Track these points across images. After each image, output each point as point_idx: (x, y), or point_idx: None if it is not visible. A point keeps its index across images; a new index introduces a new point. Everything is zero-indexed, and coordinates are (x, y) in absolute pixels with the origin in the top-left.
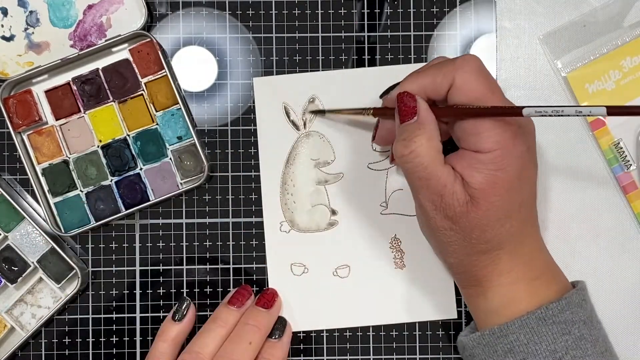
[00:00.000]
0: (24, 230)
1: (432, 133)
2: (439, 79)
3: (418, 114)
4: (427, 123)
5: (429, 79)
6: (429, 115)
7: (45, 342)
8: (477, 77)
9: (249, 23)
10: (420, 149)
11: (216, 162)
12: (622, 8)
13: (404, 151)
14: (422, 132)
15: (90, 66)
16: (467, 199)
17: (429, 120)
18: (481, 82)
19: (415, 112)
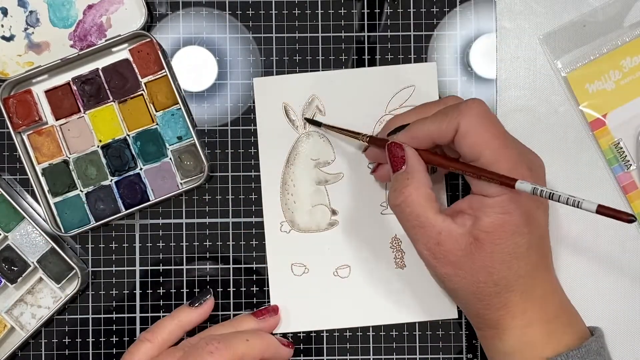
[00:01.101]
0: (24, 230)
1: (421, 182)
2: (444, 126)
3: (406, 164)
4: (416, 172)
5: (435, 125)
6: (417, 164)
7: (45, 342)
8: (480, 123)
9: (249, 23)
10: (409, 198)
11: (216, 162)
12: (622, 8)
13: (396, 201)
14: (410, 181)
15: (90, 66)
16: (470, 241)
17: (417, 169)
18: (485, 130)
19: (404, 162)
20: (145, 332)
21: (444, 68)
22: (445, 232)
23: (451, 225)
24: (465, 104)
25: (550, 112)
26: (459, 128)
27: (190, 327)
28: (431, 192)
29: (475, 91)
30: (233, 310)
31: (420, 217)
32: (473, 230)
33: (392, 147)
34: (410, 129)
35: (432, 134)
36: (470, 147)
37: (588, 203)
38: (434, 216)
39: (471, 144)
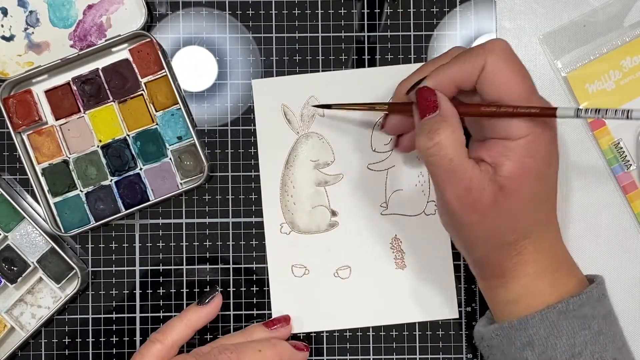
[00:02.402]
0: (24, 230)
1: (456, 125)
2: (468, 66)
3: (440, 107)
4: (450, 116)
5: (458, 67)
6: (451, 108)
7: (45, 342)
8: (507, 63)
9: (249, 23)
10: (445, 141)
11: (216, 162)
12: (622, 8)
13: (428, 143)
14: (445, 124)
15: (90, 66)
16: (497, 190)
17: (451, 113)
18: (511, 69)
19: (437, 106)
20: (155, 333)
21: None
22: (475, 178)
23: (480, 172)
24: (491, 42)
25: None
26: (485, 67)
27: (199, 326)
28: (464, 137)
29: None
30: (233, 311)
31: (454, 161)
32: (496, 177)
33: (424, 91)
34: (432, 77)
35: (455, 78)
36: (496, 87)
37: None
38: (467, 161)
39: (499, 82)
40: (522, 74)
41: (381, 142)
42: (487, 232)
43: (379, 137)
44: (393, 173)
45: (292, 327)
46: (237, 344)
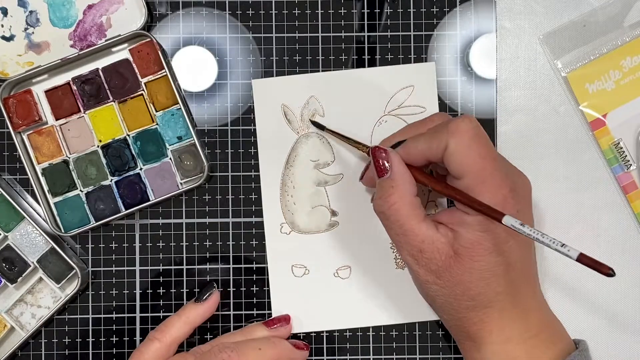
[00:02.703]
0: (24, 230)
1: (406, 188)
2: (434, 144)
3: (391, 170)
4: (400, 179)
5: (426, 143)
6: (402, 170)
7: (45, 342)
8: (468, 144)
9: (249, 23)
10: (394, 206)
11: (216, 162)
12: (622, 8)
13: (380, 208)
14: (395, 189)
15: (90, 66)
16: (451, 254)
17: (401, 176)
18: (472, 150)
19: (387, 169)
20: (153, 331)
21: (444, 68)
22: (428, 240)
23: (435, 234)
24: (455, 123)
25: (550, 112)
26: (447, 147)
27: (198, 323)
28: (415, 199)
29: (475, 91)
30: (233, 310)
31: (404, 225)
32: (454, 243)
33: (376, 151)
34: (405, 146)
35: (424, 152)
36: (456, 166)
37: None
38: (417, 224)
39: (458, 163)
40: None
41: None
42: (445, 294)
43: (379, 137)
44: None
45: (292, 326)
46: (237, 342)
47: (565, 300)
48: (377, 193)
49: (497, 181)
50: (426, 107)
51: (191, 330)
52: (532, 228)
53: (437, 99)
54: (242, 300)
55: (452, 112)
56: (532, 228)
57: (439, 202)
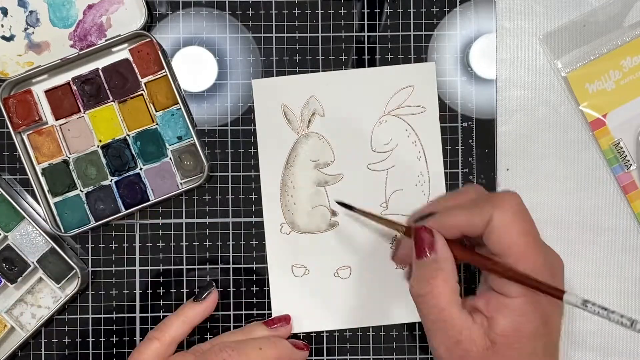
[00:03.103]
0: (24, 230)
1: (450, 273)
2: (476, 218)
3: (436, 252)
4: (445, 262)
5: (465, 216)
6: (447, 253)
7: (45, 342)
8: (513, 220)
9: (249, 23)
10: (436, 290)
11: (216, 162)
12: (622, 8)
13: (420, 291)
14: (439, 272)
15: (90, 66)
16: (488, 345)
17: (446, 259)
18: (518, 229)
19: (433, 249)
20: (152, 330)
21: (444, 68)
22: (466, 331)
23: (472, 324)
24: (500, 196)
25: (550, 112)
26: (491, 221)
27: (196, 322)
28: (457, 285)
29: (475, 91)
30: (233, 311)
31: (445, 311)
32: (490, 332)
33: (422, 231)
34: (439, 218)
35: (461, 225)
36: (498, 243)
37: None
38: (458, 313)
39: (500, 239)
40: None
41: (381, 142)
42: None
43: (379, 137)
44: (393, 173)
45: (292, 326)
46: (237, 341)
47: None
48: (417, 276)
49: (540, 262)
50: (426, 107)
51: (190, 329)
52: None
53: (437, 99)
54: (242, 300)
55: (452, 112)
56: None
57: None
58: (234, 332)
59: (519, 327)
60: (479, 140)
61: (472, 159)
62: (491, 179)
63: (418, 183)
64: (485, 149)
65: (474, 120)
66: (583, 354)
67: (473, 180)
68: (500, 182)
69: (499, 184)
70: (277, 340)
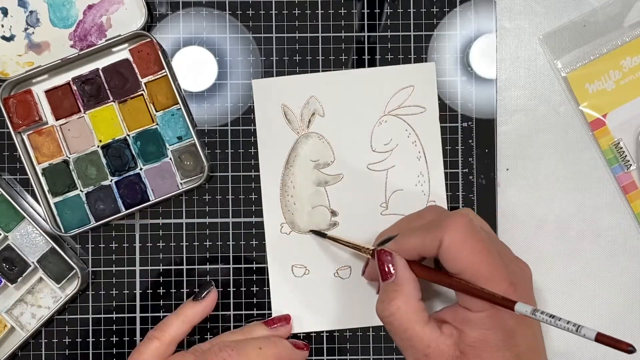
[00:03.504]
0: (24, 230)
1: (410, 293)
2: (427, 241)
3: (395, 274)
4: (405, 283)
5: (419, 239)
6: (406, 274)
7: (45, 342)
8: (462, 240)
9: (249, 23)
10: (398, 312)
11: (216, 162)
12: (622, 8)
13: (384, 312)
14: (399, 293)
15: (90, 66)
16: (457, 355)
17: (406, 279)
18: (466, 246)
19: (392, 272)
20: (152, 330)
21: (444, 68)
22: (433, 345)
23: (439, 337)
24: (448, 220)
25: (550, 112)
26: (442, 243)
27: (196, 321)
28: (420, 303)
29: (475, 91)
30: (233, 310)
31: (408, 331)
32: (460, 343)
33: (381, 254)
34: (397, 241)
35: (416, 247)
36: (452, 263)
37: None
38: (421, 329)
39: (453, 259)
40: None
41: (381, 142)
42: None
43: (379, 137)
44: (393, 173)
45: (292, 326)
46: (237, 340)
47: None
48: (380, 297)
49: (495, 275)
50: (426, 107)
51: (190, 328)
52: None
53: (437, 99)
54: (242, 300)
55: (452, 112)
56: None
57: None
58: (233, 331)
59: (485, 338)
60: (479, 140)
61: (472, 159)
62: (491, 179)
63: (418, 183)
64: (485, 149)
65: (474, 120)
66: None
67: (473, 180)
68: (500, 182)
69: (499, 184)
70: (277, 340)
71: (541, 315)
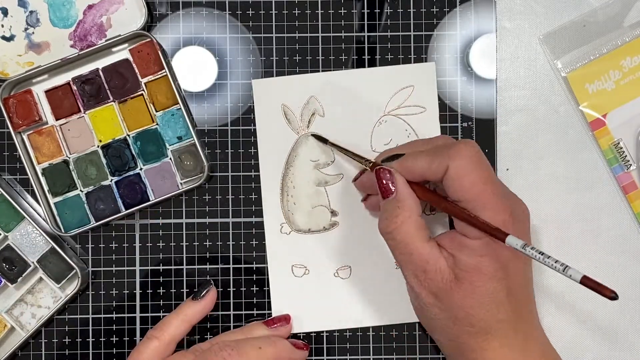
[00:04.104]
0: (24, 230)
1: (412, 209)
2: (434, 166)
3: (396, 191)
4: (406, 200)
5: (426, 163)
6: (407, 191)
7: (45, 342)
8: (468, 168)
9: (249, 23)
10: (401, 226)
11: (216, 162)
12: (622, 8)
13: (386, 229)
14: (401, 210)
15: (90, 66)
16: (452, 277)
17: (407, 196)
18: (472, 175)
19: (392, 189)
20: (152, 329)
21: (444, 68)
22: (432, 261)
23: (438, 255)
24: (456, 147)
25: (550, 112)
26: (447, 170)
27: (195, 320)
28: (421, 220)
29: (475, 91)
30: (233, 311)
31: (409, 245)
32: (454, 267)
33: (381, 172)
34: (404, 160)
35: (422, 170)
36: (456, 190)
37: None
38: (422, 245)
39: (457, 187)
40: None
41: (381, 142)
42: (444, 317)
43: (379, 137)
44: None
45: (292, 326)
46: (237, 340)
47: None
48: (383, 214)
49: (497, 205)
50: (426, 107)
51: (189, 328)
52: (535, 248)
53: (437, 99)
54: (242, 300)
55: (452, 112)
56: (535, 248)
57: None
58: (233, 331)
59: (479, 266)
60: (479, 140)
61: None
62: None
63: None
64: (485, 149)
65: (474, 120)
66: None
67: None
68: None
69: None
70: (277, 339)
71: (531, 250)
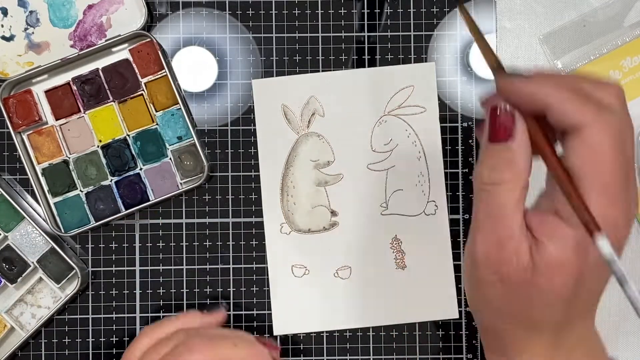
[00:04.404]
0: (24, 230)
1: (523, 168)
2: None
3: (514, 139)
4: (521, 155)
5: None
6: (526, 144)
7: (45, 342)
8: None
9: (249, 23)
10: (504, 185)
11: (216, 162)
12: (622, 8)
13: (486, 179)
14: (512, 166)
15: (90, 66)
16: (529, 266)
17: (523, 152)
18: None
19: (511, 136)
20: (147, 326)
21: (444, 68)
22: (516, 239)
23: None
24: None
25: None
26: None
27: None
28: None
29: (475, 91)
30: (233, 311)
31: (503, 209)
32: (535, 255)
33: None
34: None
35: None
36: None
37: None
38: (516, 216)
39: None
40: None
41: (381, 142)
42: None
43: (379, 137)
44: (393, 173)
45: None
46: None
47: None
48: (486, 160)
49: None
50: (426, 107)
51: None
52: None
53: (437, 99)
54: (242, 300)
55: (452, 112)
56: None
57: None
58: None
59: (566, 263)
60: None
61: (472, 159)
62: None
63: (418, 183)
64: None
65: (474, 120)
66: None
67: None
68: None
69: None
70: (253, 340)
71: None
